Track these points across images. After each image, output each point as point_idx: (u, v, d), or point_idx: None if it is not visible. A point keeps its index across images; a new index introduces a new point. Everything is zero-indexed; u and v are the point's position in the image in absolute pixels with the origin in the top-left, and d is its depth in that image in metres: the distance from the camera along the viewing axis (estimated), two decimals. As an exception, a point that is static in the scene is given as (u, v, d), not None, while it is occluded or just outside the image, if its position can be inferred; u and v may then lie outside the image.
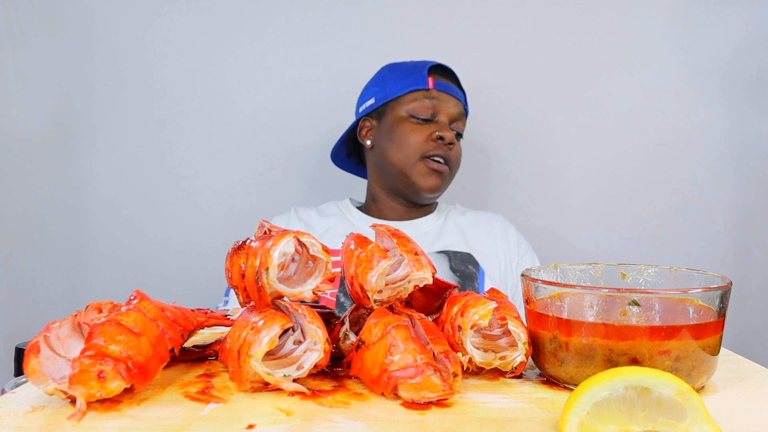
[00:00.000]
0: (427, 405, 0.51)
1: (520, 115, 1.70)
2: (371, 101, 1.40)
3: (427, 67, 1.36)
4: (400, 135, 1.33)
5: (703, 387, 0.56)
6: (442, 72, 1.39)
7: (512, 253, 1.40)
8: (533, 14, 1.68)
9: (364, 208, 1.46)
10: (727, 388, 0.57)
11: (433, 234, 1.39)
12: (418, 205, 1.42)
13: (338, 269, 0.60)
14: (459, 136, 1.39)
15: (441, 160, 1.33)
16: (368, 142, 1.41)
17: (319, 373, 0.58)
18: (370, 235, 0.64)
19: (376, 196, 1.42)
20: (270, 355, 0.54)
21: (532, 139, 1.70)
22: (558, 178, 1.71)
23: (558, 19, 1.68)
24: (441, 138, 1.32)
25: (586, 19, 1.69)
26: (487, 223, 1.44)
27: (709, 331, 0.54)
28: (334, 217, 1.42)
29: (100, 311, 0.57)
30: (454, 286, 0.65)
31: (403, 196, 1.39)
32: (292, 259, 0.57)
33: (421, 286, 0.57)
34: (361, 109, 1.42)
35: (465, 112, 1.40)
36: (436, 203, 1.48)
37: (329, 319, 0.64)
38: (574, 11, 1.68)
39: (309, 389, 0.53)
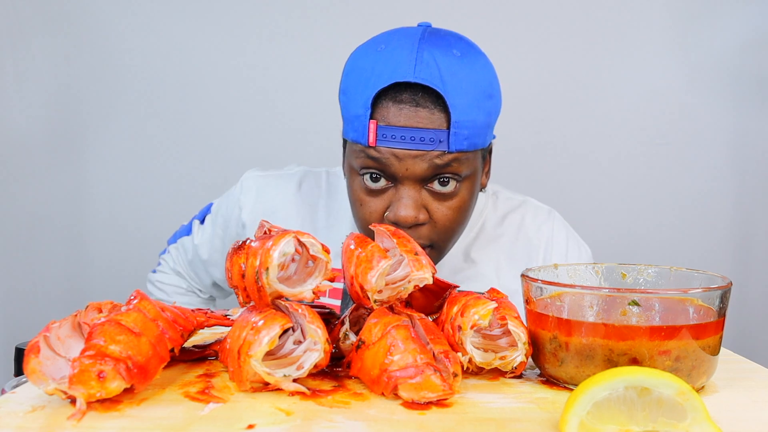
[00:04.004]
0: (427, 405, 0.51)
1: (519, 116, 1.69)
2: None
3: (371, 101, 0.84)
4: (354, 205, 0.91)
5: (703, 387, 0.56)
6: (404, 91, 0.83)
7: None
8: (531, 13, 1.68)
9: None
10: (727, 388, 0.57)
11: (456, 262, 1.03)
12: None
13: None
14: (451, 180, 0.86)
15: None
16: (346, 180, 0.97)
17: (319, 373, 0.58)
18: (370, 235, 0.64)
19: None
20: (270, 355, 0.54)
21: (531, 140, 1.70)
22: (557, 178, 1.71)
23: (557, 19, 1.68)
24: (396, 223, 0.85)
25: (585, 18, 1.68)
26: (528, 256, 1.04)
27: (709, 331, 0.54)
28: None
29: (100, 311, 0.57)
30: (454, 286, 0.65)
31: None
32: (292, 259, 0.57)
33: (421, 286, 0.57)
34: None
35: (452, 149, 0.83)
36: None
37: (329, 319, 0.64)
38: (573, 10, 1.68)
39: (309, 389, 0.53)
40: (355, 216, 0.92)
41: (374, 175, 0.86)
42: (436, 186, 0.86)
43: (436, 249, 0.90)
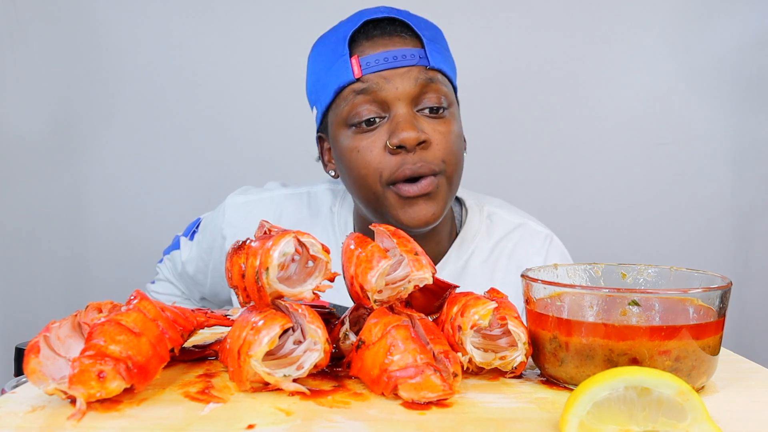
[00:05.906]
0: (427, 405, 0.51)
1: (519, 115, 1.70)
2: (315, 111, 0.98)
3: (347, 43, 0.90)
4: (349, 164, 0.91)
5: (703, 387, 0.56)
6: (375, 30, 0.91)
7: None
8: (532, 15, 1.68)
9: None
10: (727, 388, 0.57)
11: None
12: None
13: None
14: (436, 110, 0.89)
15: (416, 178, 0.87)
16: (332, 173, 1.00)
17: (319, 373, 0.58)
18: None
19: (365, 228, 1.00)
20: (270, 355, 0.54)
21: (531, 140, 1.70)
22: (557, 178, 1.71)
23: (557, 19, 1.68)
24: (401, 147, 0.86)
25: (584, 18, 1.68)
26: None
27: (709, 331, 0.54)
28: None
29: (100, 311, 0.57)
30: (454, 286, 0.65)
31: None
32: (292, 259, 0.57)
33: (421, 286, 0.57)
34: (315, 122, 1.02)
35: (433, 69, 0.89)
36: (456, 230, 1.04)
37: (329, 319, 0.64)
38: (572, 11, 1.68)
39: (309, 389, 0.53)
40: (352, 177, 0.91)
41: (366, 121, 0.88)
42: (426, 111, 0.89)
43: (446, 177, 0.90)
